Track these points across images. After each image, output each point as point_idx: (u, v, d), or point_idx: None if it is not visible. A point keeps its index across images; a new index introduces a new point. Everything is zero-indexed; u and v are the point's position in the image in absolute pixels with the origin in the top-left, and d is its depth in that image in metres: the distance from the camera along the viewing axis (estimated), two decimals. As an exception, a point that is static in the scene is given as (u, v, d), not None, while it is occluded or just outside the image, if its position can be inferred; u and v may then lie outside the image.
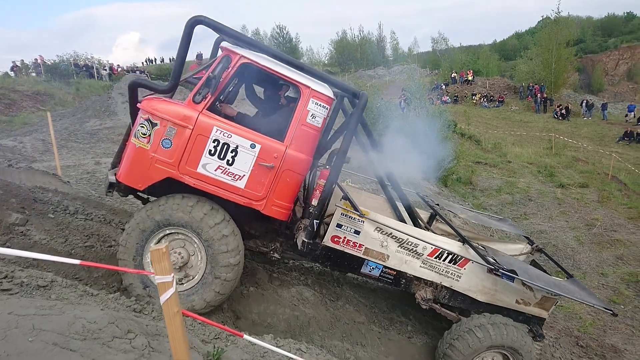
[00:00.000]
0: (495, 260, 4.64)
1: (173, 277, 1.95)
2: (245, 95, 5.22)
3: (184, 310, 2.13)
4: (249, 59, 3.82)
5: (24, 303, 2.69)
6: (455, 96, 38.62)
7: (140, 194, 4.39)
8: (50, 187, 5.73)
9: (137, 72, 31.69)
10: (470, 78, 42.78)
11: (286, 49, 58.05)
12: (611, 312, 4.99)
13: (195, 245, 3.88)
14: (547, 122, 29.44)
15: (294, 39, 60.27)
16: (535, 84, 37.47)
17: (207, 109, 3.74)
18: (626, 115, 32.22)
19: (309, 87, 3.96)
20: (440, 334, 5.71)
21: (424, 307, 4.84)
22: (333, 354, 4.34)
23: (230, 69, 3.79)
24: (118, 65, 35.27)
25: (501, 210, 12.16)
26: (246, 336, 2.49)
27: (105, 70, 29.83)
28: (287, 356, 3.17)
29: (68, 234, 4.57)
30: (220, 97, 4.16)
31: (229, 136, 3.75)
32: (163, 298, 1.94)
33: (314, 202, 4.24)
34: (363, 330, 5.21)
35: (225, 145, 3.75)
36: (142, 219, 3.76)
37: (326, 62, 68.18)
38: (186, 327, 3.47)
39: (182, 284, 3.88)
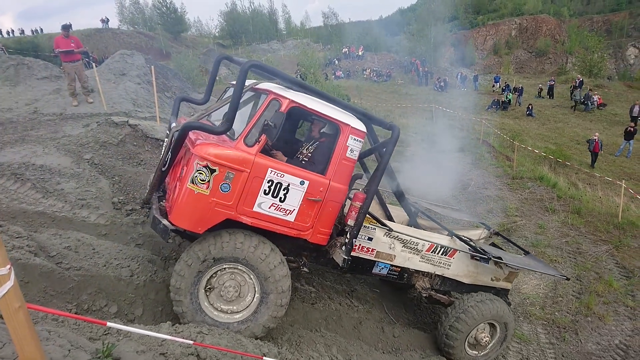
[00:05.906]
0: (483, 249, 5.45)
1: (9, 268, 1.67)
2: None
3: (32, 304, 1.87)
4: (297, 102, 4.03)
5: None
6: (347, 71, 39.94)
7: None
8: None
9: (-11, 45, 26.93)
10: (360, 53, 44.51)
11: (171, 20, 54.01)
12: (566, 278, 6.12)
13: (249, 281, 4.08)
14: (428, 94, 31.94)
15: (179, 9, 56.10)
16: (417, 59, 40.35)
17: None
18: (493, 86, 36.42)
19: (348, 125, 4.25)
20: (342, 296, 6.06)
21: (425, 295, 5.48)
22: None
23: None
24: (-38, 37, 29.63)
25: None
26: (109, 323, 2.32)
27: (-55, 42, 24.89)
28: (186, 342, 3.08)
29: None
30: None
31: (282, 176, 3.97)
32: None
33: (350, 222, 4.44)
34: (268, 304, 5.28)
35: (279, 184, 3.97)
36: (203, 252, 3.87)
37: (217, 34, 65.22)
38: (70, 326, 3.17)
39: (234, 314, 4.09)
